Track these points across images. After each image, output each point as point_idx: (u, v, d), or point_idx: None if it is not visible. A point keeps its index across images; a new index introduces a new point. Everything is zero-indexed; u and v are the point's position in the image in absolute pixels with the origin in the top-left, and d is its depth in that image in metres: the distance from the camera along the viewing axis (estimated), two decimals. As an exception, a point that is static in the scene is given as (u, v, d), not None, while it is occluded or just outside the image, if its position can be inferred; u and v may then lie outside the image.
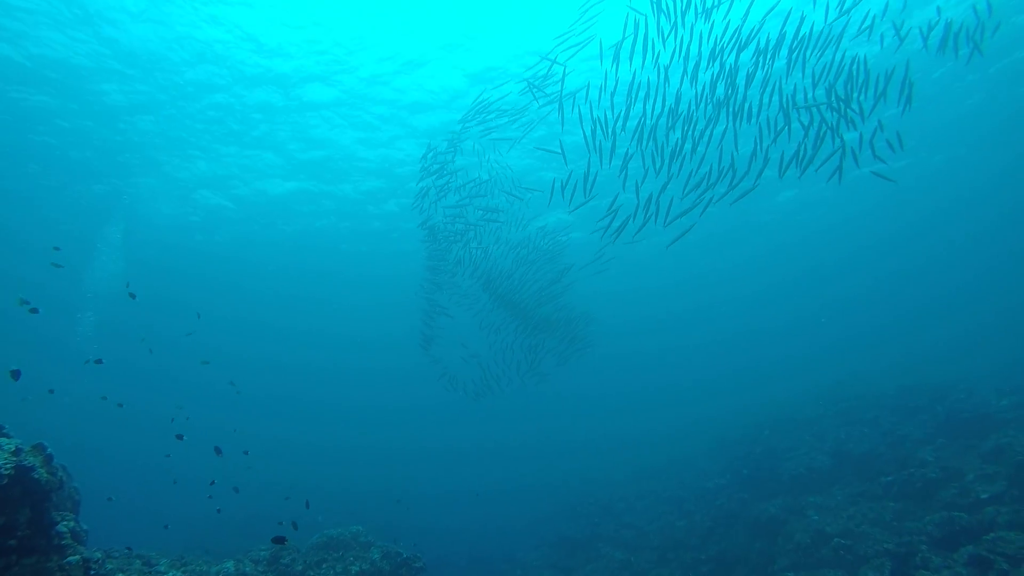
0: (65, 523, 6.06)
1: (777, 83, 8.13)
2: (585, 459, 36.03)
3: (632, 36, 8.84)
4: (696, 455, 23.67)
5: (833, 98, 7.87)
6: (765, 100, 8.49)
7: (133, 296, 12.16)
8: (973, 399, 15.54)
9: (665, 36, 8.66)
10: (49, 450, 5.71)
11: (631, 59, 8.82)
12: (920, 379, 19.04)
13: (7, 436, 5.41)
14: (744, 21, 9.23)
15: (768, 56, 8.38)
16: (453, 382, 17.26)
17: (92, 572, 5.64)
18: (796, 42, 8.16)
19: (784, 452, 17.45)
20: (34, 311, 8.64)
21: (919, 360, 34.05)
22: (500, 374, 16.20)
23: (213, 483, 11.44)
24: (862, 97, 7.80)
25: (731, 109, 8.53)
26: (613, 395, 48.58)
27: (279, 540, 7.07)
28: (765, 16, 9.58)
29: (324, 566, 10.41)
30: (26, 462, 5.10)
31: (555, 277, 15.87)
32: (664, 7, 8.71)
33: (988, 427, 13.49)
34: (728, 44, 8.58)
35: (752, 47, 8.74)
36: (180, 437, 10.37)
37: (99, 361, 11.88)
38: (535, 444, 44.06)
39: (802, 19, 8.44)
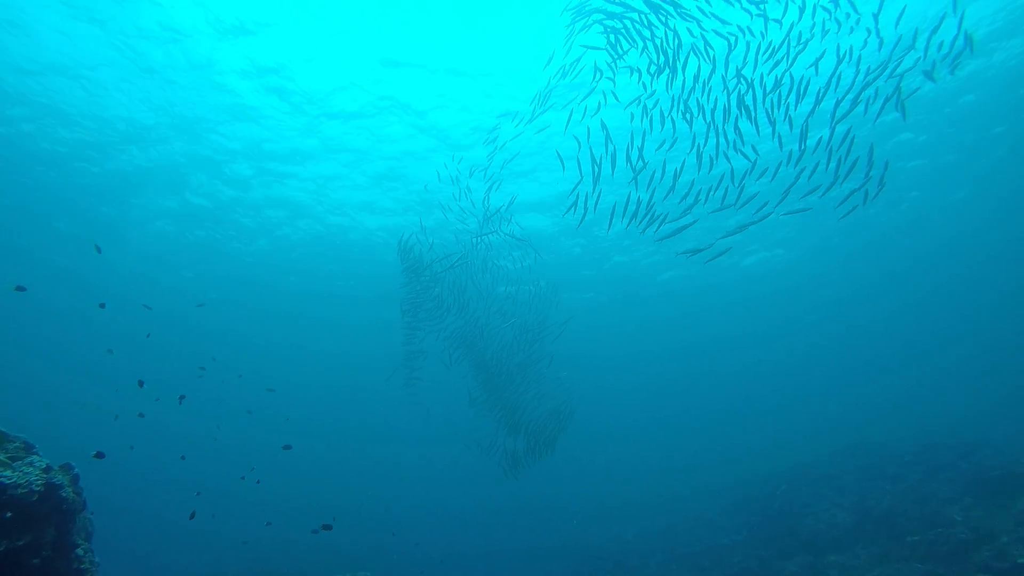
0: (83, 548, 5.95)
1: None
2: (593, 519, 34.45)
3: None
4: (710, 510, 22.89)
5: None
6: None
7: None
8: (1001, 457, 15.08)
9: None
10: (76, 470, 5.68)
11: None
12: (941, 435, 18.54)
13: (38, 455, 5.39)
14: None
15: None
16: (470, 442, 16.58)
17: (108, 600, 5.50)
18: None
19: (802, 507, 16.89)
20: (102, 306, 8.63)
21: (941, 416, 33.10)
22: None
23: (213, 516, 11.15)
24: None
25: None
26: (621, 453, 47.04)
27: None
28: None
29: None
30: (55, 480, 5.07)
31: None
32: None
33: (1019, 487, 13.05)
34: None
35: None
36: (141, 383, 10.00)
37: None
38: (541, 504, 42.09)
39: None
